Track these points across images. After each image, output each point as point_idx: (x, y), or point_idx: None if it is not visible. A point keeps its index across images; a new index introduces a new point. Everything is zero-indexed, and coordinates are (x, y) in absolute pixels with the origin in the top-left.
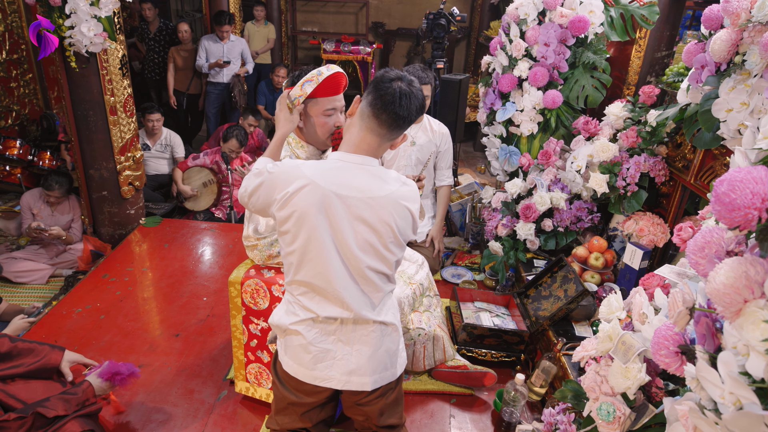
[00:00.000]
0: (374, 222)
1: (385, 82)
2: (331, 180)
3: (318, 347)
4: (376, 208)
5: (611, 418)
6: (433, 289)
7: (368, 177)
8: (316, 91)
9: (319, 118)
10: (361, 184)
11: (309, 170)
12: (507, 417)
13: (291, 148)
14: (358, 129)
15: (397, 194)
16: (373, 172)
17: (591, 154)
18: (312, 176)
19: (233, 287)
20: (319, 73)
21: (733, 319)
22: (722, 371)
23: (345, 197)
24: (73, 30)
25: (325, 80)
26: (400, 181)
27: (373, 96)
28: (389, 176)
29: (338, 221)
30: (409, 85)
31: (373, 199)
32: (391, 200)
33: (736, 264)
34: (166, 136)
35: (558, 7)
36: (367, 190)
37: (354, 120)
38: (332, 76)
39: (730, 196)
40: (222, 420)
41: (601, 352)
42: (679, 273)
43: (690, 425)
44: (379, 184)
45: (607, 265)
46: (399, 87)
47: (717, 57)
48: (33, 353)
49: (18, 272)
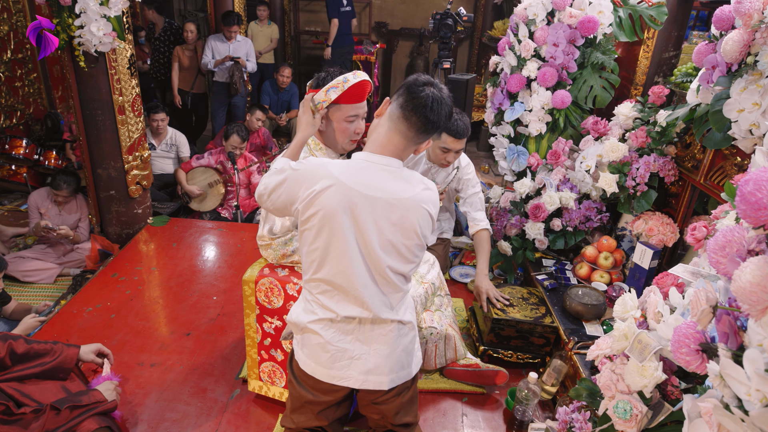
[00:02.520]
0: (398, 223)
1: (418, 86)
2: (358, 180)
3: (336, 346)
4: (400, 210)
5: (628, 416)
6: (444, 289)
7: (393, 178)
8: (340, 98)
9: (341, 123)
10: (387, 185)
11: (336, 169)
12: (519, 415)
13: (310, 149)
14: (386, 130)
15: (420, 197)
16: (398, 173)
17: (600, 153)
18: (339, 175)
19: (247, 286)
20: (345, 80)
21: (760, 317)
22: (748, 368)
23: (371, 198)
24: (83, 29)
25: (351, 88)
26: (423, 184)
27: (405, 99)
28: (413, 178)
29: (363, 221)
30: (440, 91)
31: (398, 200)
32: (415, 202)
33: (762, 263)
34: (172, 136)
35: (567, 7)
36: (392, 191)
37: (382, 121)
38: (358, 84)
39: (756, 196)
40: (236, 418)
41: (616, 351)
42: (693, 272)
43: (714, 422)
44: (403, 186)
45: (616, 264)
46: (432, 92)
47: (728, 57)
48: (49, 353)
49: (26, 271)
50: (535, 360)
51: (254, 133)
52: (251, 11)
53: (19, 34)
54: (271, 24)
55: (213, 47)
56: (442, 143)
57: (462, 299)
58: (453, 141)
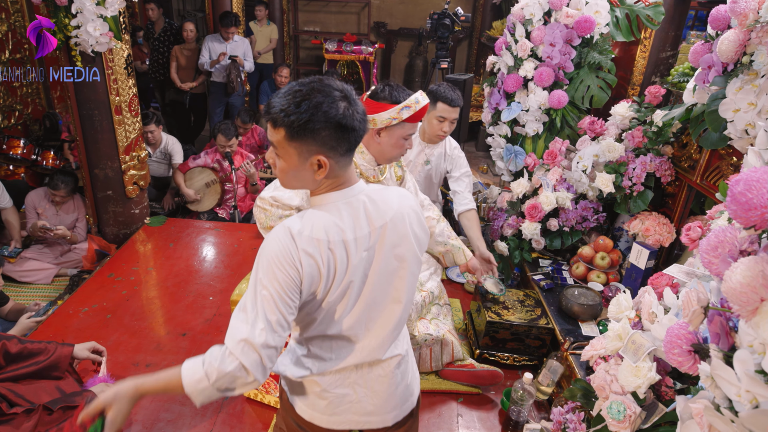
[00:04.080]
0: (398, 246)
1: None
2: (347, 226)
3: (333, 393)
4: (396, 230)
5: (622, 416)
6: (444, 298)
7: (372, 204)
8: (409, 118)
9: (399, 140)
10: (373, 213)
11: (316, 232)
12: (515, 416)
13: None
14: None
15: (402, 202)
16: (371, 195)
17: (597, 153)
18: (323, 236)
19: (235, 306)
20: (417, 101)
21: (750, 317)
22: (738, 369)
23: (363, 238)
24: (79, 29)
25: (420, 109)
26: (389, 190)
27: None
28: (382, 193)
29: (363, 266)
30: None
31: (390, 222)
32: (401, 212)
33: (752, 263)
34: (166, 144)
35: (564, 7)
36: (378, 217)
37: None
38: (426, 106)
39: (747, 196)
40: (230, 419)
41: (610, 351)
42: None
43: (705, 423)
44: (383, 205)
45: (612, 264)
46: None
47: (724, 57)
48: (43, 352)
49: (23, 271)
50: (532, 362)
51: (248, 133)
52: (250, 11)
53: (17, 34)
54: (270, 24)
55: (210, 47)
56: (438, 113)
57: (458, 299)
58: (448, 109)
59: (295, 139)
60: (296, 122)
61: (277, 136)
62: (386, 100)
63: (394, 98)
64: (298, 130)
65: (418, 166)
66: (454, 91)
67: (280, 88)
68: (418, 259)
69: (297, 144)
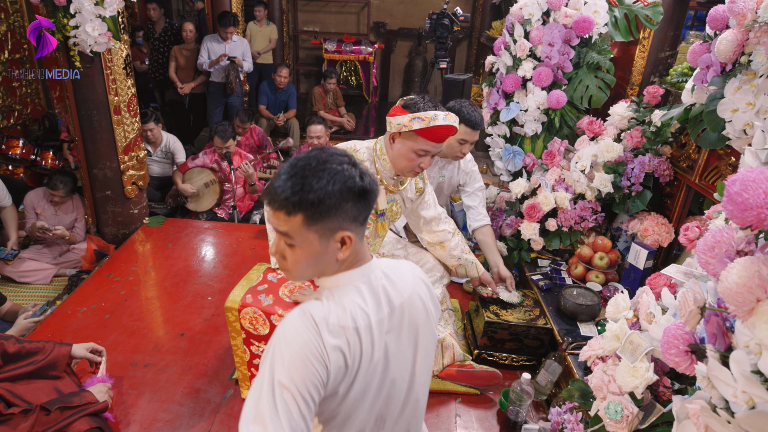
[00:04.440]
0: (415, 326)
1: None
2: (370, 308)
3: None
4: (413, 309)
5: (619, 417)
6: (447, 303)
7: (389, 281)
8: (421, 131)
9: (411, 153)
10: (391, 292)
11: (342, 317)
12: (513, 416)
13: (374, 155)
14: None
15: (415, 278)
16: (386, 272)
17: (595, 154)
18: (349, 322)
19: (230, 313)
20: (435, 117)
21: (746, 318)
22: (734, 370)
23: (384, 320)
24: (78, 30)
25: (435, 127)
26: (401, 265)
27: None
28: (396, 269)
29: (384, 352)
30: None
31: (408, 301)
32: (416, 290)
33: (748, 263)
34: (167, 143)
35: (562, 7)
36: (397, 296)
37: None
38: (444, 127)
39: (743, 196)
40: (228, 419)
41: (608, 352)
42: (685, 272)
43: (701, 424)
44: (399, 282)
45: (611, 264)
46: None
47: (722, 57)
48: (41, 352)
49: (22, 272)
50: (531, 362)
51: (247, 133)
52: (249, 11)
53: (16, 34)
54: (269, 24)
55: (209, 48)
56: (459, 135)
57: (457, 300)
58: (470, 132)
59: (317, 221)
60: (317, 201)
61: (292, 224)
62: (408, 109)
63: (416, 108)
64: (321, 210)
65: (431, 179)
66: (476, 110)
67: (279, 88)
68: (435, 339)
69: (318, 226)
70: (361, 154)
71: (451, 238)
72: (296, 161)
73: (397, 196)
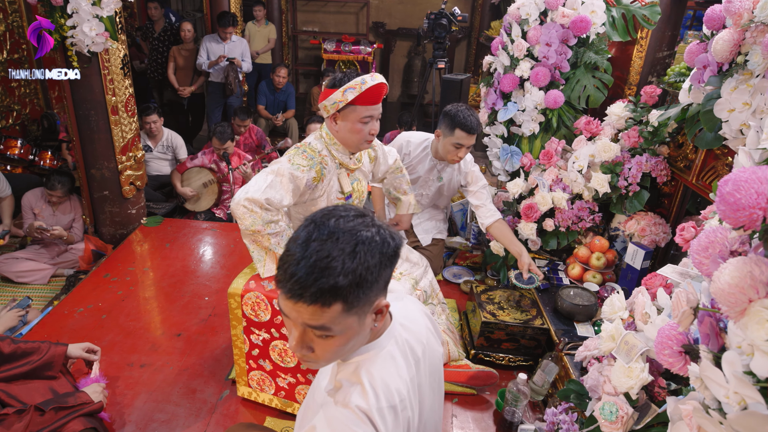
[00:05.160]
0: (433, 371)
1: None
2: (404, 373)
3: None
4: (431, 353)
5: (614, 417)
6: (437, 297)
7: (408, 332)
8: (356, 99)
9: (356, 124)
10: (414, 344)
11: (390, 397)
12: (509, 417)
13: (325, 143)
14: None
15: (422, 315)
16: (402, 323)
17: (593, 154)
18: (397, 399)
19: (233, 299)
20: (363, 81)
21: (738, 318)
22: (727, 371)
23: (415, 378)
24: (75, 30)
25: (368, 89)
26: (407, 304)
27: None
28: (407, 312)
29: (419, 411)
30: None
31: (427, 346)
32: (427, 330)
33: (740, 264)
34: (168, 138)
35: (560, 7)
36: (418, 346)
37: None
38: (375, 86)
39: (735, 196)
40: (224, 419)
41: (603, 352)
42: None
43: (694, 425)
44: (414, 326)
45: (608, 264)
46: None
47: (719, 57)
48: (36, 352)
49: (20, 272)
50: (528, 362)
51: (246, 133)
52: (248, 11)
53: (15, 34)
54: (268, 24)
55: (208, 48)
56: (455, 139)
57: (455, 300)
58: (466, 136)
59: (358, 303)
60: (357, 283)
61: (329, 316)
62: (335, 86)
63: (342, 82)
64: (362, 290)
65: (429, 182)
66: (473, 114)
67: (278, 88)
68: (442, 363)
69: (359, 308)
70: (315, 146)
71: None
72: (311, 234)
73: (358, 174)
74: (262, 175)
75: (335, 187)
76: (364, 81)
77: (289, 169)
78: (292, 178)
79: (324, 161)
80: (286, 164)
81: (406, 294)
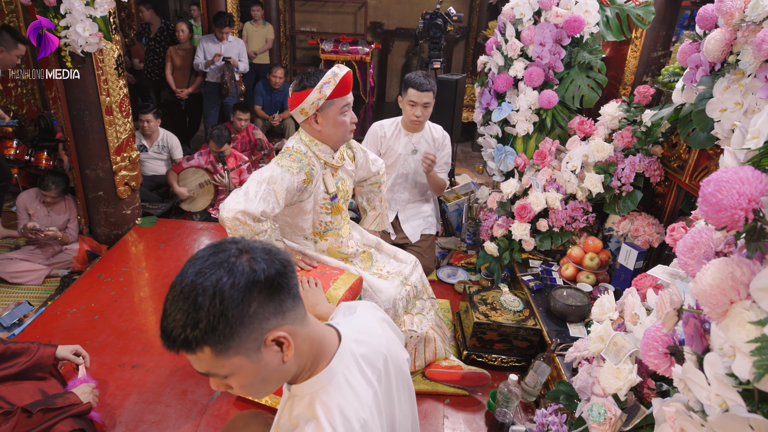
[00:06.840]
0: (399, 374)
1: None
2: (363, 394)
3: None
4: (395, 358)
5: (602, 419)
6: (427, 292)
7: (362, 345)
8: (333, 92)
9: (338, 117)
10: (371, 356)
11: (354, 426)
12: (501, 417)
13: (306, 145)
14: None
15: (381, 325)
16: (354, 337)
17: (586, 154)
18: (357, 426)
19: None
20: (334, 74)
21: (720, 320)
22: (708, 373)
23: (378, 391)
24: (69, 30)
25: (341, 80)
26: (358, 316)
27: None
28: (359, 325)
29: (393, 416)
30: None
31: (387, 353)
32: (385, 335)
33: (722, 265)
34: (163, 138)
35: (553, 6)
36: (377, 358)
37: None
38: (346, 75)
39: (717, 197)
40: (215, 420)
41: (593, 353)
42: (671, 273)
43: (677, 427)
44: (368, 337)
45: (602, 265)
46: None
47: (711, 57)
48: (26, 353)
49: (14, 273)
50: (520, 363)
51: (243, 132)
52: (245, 11)
53: None
54: (266, 24)
55: (204, 48)
56: (408, 97)
57: (448, 300)
58: (416, 93)
59: (231, 342)
60: (213, 323)
61: (207, 360)
62: (306, 87)
63: (312, 82)
64: (226, 330)
65: (407, 157)
66: (424, 77)
67: (274, 88)
68: (409, 363)
69: (236, 347)
70: (299, 149)
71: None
72: (173, 287)
73: (342, 174)
74: (254, 184)
75: (321, 188)
76: (335, 73)
77: (280, 174)
78: (284, 182)
79: (311, 162)
80: (277, 169)
81: (361, 304)
